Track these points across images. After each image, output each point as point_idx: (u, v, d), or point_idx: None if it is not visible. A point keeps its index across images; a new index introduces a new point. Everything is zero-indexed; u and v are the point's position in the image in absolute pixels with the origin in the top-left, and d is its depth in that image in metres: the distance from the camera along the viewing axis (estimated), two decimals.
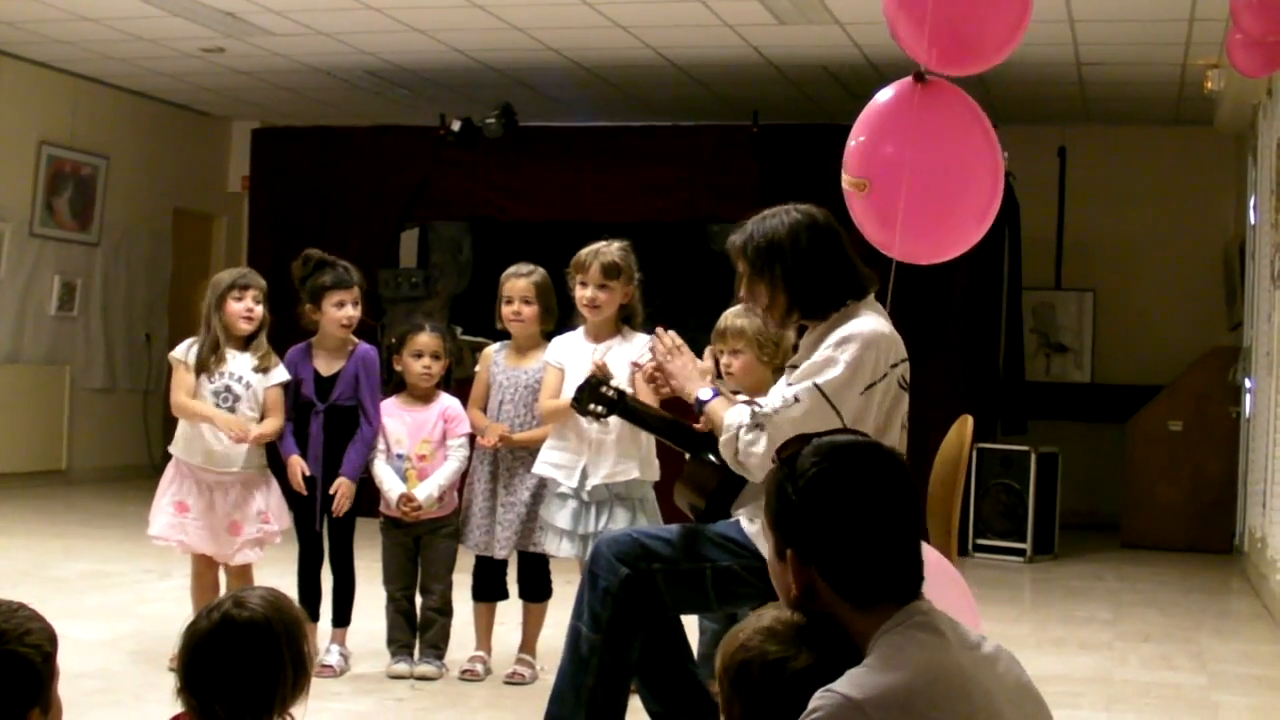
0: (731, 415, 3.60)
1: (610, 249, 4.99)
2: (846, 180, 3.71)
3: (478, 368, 5.46)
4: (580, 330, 5.10)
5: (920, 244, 3.69)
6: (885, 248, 3.64)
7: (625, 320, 5.06)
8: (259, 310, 5.28)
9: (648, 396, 4.32)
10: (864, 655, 2.04)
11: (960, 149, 3.69)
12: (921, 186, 3.52)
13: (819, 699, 1.92)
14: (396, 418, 5.35)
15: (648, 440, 4.92)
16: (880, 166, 3.64)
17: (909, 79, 3.65)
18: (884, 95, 3.70)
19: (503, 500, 5.26)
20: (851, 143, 3.73)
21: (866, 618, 2.04)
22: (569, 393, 4.75)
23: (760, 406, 3.56)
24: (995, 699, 2.00)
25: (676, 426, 3.90)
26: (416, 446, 5.30)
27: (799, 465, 2.10)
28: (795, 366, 3.67)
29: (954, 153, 3.68)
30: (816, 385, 3.48)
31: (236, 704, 2.26)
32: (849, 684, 1.93)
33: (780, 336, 4.35)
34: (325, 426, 5.33)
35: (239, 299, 5.25)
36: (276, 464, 5.37)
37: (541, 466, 5.06)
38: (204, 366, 5.23)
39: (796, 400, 3.48)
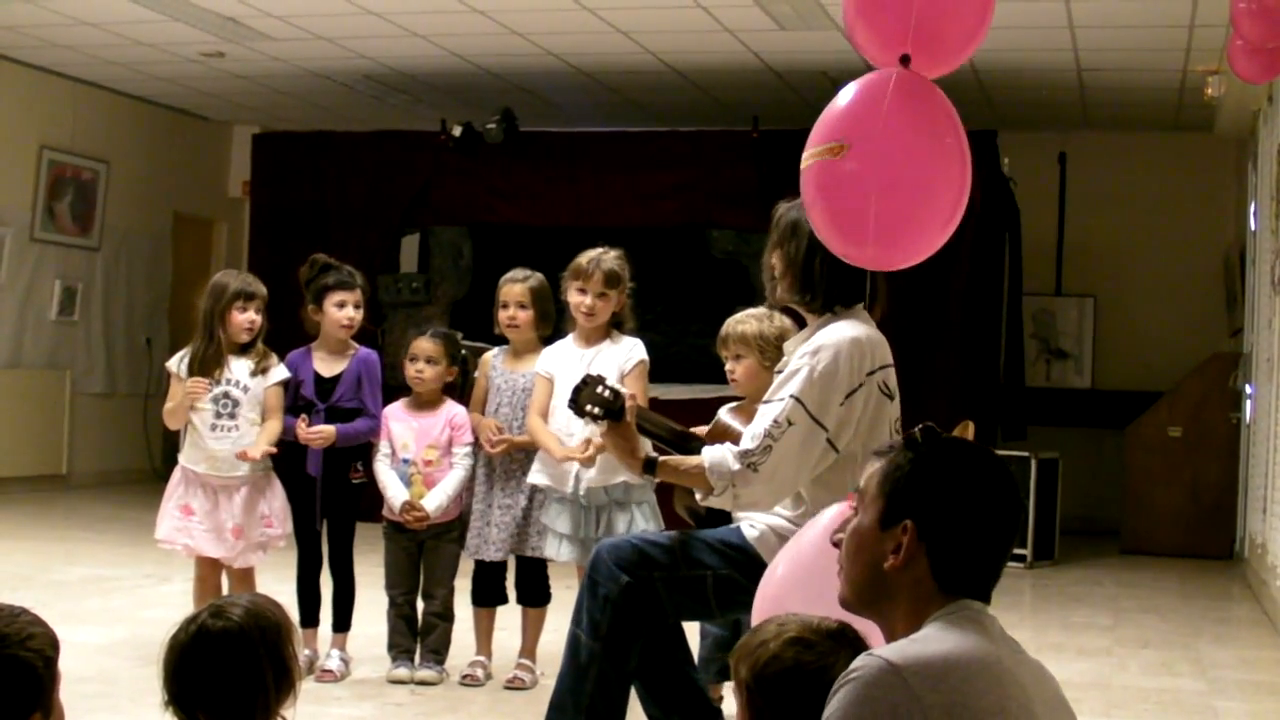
0: (715, 470, 3.50)
1: (609, 257, 5.00)
2: (815, 151, 3.21)
3: (477, 373, 5.47)
4: (570, 337, 5.12)
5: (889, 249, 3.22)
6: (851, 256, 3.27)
7: (615, 325, 5.08)
8: (259, 320, 5.31)
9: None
10: None
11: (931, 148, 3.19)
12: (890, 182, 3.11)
13: (860, 660, 2.00)
14: (403, 423, 5.35)
15: (644, 445, 4.90)
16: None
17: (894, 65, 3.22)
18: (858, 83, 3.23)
19: (499, 503, 5.25)
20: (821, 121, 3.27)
21: (935, 604, 2.13)
22: (559, 400, 4.75)
23: (736, 447, 3.51)
24: (1030, 696, 2.06)
25: (675, 432, 3.88)
26: (422, 452, 5.30)
27: (942, 451, 2.20)
28: (780, 372, 3.67)
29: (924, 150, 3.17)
30: (799, 400, 3.47)
31: (220, 713, 2.27)
32: (891, 650, 2.02)
33: (783, 340, 4.35)
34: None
35: (244, 310, 5.26)
36: (280, 468, 5.38)
37: (535, 476, 5.08)
38: (206, 373, 5.23)
39: (790, 424, 3.47)
